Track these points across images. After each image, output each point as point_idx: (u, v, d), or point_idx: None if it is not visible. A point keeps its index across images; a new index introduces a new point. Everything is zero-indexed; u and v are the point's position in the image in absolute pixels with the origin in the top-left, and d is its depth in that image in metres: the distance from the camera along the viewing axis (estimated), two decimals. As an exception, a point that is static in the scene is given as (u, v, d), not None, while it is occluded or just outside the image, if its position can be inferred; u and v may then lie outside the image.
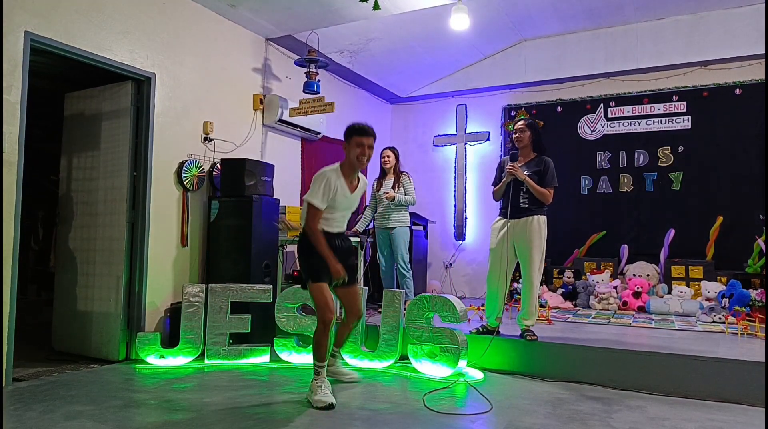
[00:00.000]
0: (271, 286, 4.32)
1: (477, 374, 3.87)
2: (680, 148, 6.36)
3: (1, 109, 3.35)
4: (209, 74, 5.01)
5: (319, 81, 5.51)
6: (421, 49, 6.49)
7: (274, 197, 5.02)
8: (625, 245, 6.45)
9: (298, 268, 5.89)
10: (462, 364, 3.83)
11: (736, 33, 5.86)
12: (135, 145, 4.45)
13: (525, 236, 4.01)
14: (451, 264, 7.52)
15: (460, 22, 5.12)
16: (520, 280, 4.33)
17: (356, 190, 3.43)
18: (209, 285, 4.25)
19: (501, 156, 7.36)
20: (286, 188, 5.77)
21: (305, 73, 5.49)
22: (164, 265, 4.59)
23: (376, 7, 3.84)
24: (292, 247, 5.82)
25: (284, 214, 5.31)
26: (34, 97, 3.81)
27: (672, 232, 6.17)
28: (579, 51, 6.64)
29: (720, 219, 6.08)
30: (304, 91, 5.51)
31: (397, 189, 5.17)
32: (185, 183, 4.70)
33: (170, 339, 4.38)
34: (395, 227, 5.15)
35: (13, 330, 3.54)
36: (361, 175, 3.49)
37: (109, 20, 4.13)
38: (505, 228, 4.09)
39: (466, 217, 7.50)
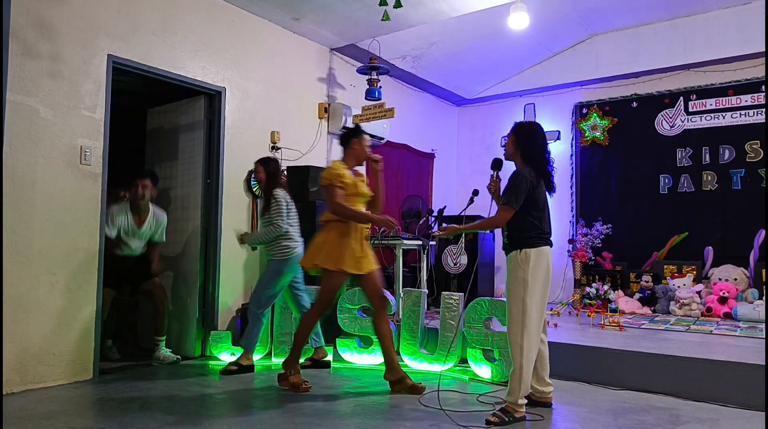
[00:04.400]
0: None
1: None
2: (772, 142, 5.87)
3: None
4: (276, 85, 5.23)
5: (380, 88, 5.61)
6: (485, 50, 6.42)
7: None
8: (710, 247, 6.02)
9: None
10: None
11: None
12: (208, 155, 4.73)
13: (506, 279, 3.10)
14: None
15: (519, 20, 5.02)
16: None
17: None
18: (275, 287, 4.43)
19: (572, 155, 7.13)
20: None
21: (367, 80, 5.61)
22: (236, 267, 4.84)
23: (386, 18, 3.74)
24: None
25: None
26: (124, 113, 4.10)
27: (762, 233, 5.69)
28: (655, 42, 6.31)
29: (819, 218, 5.55)
30: (366, 98, 5.62)
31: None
32: (254, 190, 4.94)
33: (241, 337, 4.60)
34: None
35: (99, 329, 3.88)
36: None
37: (182, 40, 4.43)
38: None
39: (536, 220, 7.28)
